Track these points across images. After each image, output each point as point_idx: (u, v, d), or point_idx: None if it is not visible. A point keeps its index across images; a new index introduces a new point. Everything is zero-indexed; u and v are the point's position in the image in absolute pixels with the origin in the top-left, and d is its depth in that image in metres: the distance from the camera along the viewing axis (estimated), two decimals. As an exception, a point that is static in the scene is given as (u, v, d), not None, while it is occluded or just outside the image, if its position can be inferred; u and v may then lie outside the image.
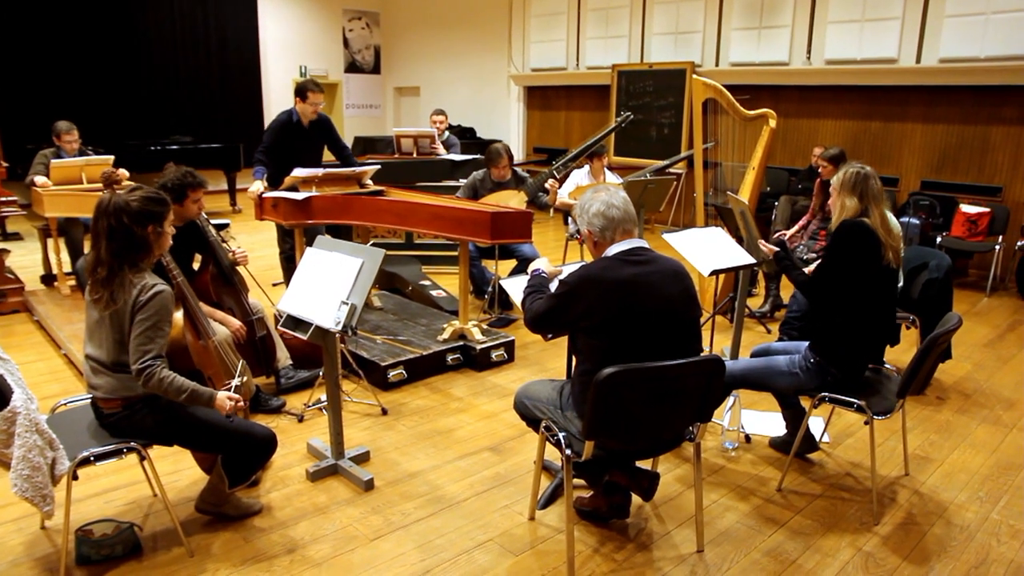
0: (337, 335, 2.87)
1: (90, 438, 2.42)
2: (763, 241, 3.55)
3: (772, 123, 5.39)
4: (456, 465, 3.23)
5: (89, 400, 2.53)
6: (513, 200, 5.34)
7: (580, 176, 6.19)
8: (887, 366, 3.18)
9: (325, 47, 12.12)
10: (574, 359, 2.58)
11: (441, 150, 6.90)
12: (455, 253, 6.76)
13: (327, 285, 2.91)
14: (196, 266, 3.67)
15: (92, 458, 2.32)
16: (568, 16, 10.00)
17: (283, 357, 3.96)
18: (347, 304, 2.79)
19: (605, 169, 6.26)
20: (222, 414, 2.48)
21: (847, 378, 2.91)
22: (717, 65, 8.44)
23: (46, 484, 2.18)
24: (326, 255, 3.02)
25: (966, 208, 6.33)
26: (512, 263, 5.46)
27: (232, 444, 2.52)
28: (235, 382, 2.68)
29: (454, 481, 3.09)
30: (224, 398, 2.46)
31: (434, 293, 5.54)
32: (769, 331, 5.16)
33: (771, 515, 2.87)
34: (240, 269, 3.73)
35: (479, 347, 4.33)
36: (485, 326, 4.66)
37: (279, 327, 3.01)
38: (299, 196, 4.54)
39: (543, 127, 11.02)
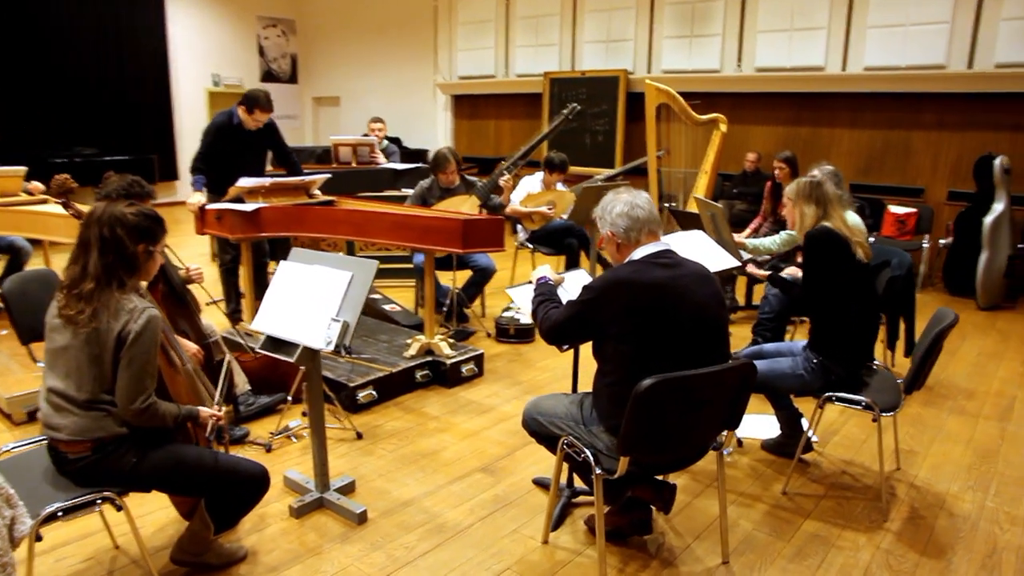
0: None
1: (52, 489, 2.08)
2: (753, 267, 3.56)
3: (723, 127, 5.47)
4: (450, 490, 3.01)
5: (42, 443, 2.18)
6: (465, 205, 5.16)
7: (532, 184, 6.07)
8: (876, 362, 3.21)
9: (239, 55, 11.55)
10: (595, 371, 2.44)
11: (381, 159, 6.63)
12: (404, 265, 6.50)
13: (311, 301, 2.65)
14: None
15: (60, 513, 1.97)
16: (496, 24, 9.92)
17: (241, 382, 3.63)
18: (338, 321, 2.54)
19: (557, 183, 6.18)
20: (203, 429, 2.24)
21: (849, 376, 2.91)
22: (649, 72, 8.56)
23: (5, 550, 1.83)
24: (306, 269, 2.76)
25: (894, 208, 6.64)
26: (467, 274, 5.27)
27: (219, 484, 2.22)
28: (215, 408, 2.39)
29: (452, 507, 2.87)
30: (208, 414, 2.22)
31: (388, 307, 5.28)
32: (730, 333, 5.18)
33: (784, 519, 2.82)
34: (192, 287, 3.39)
35: (449, 362, 4.12)
36: (451, 340, 4.45)
37: (258, 350, 2.72)
38: (247, 208, 4.21)
39: (472, 136, 10.87)
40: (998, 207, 5.74)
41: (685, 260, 2.32)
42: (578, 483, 2.88)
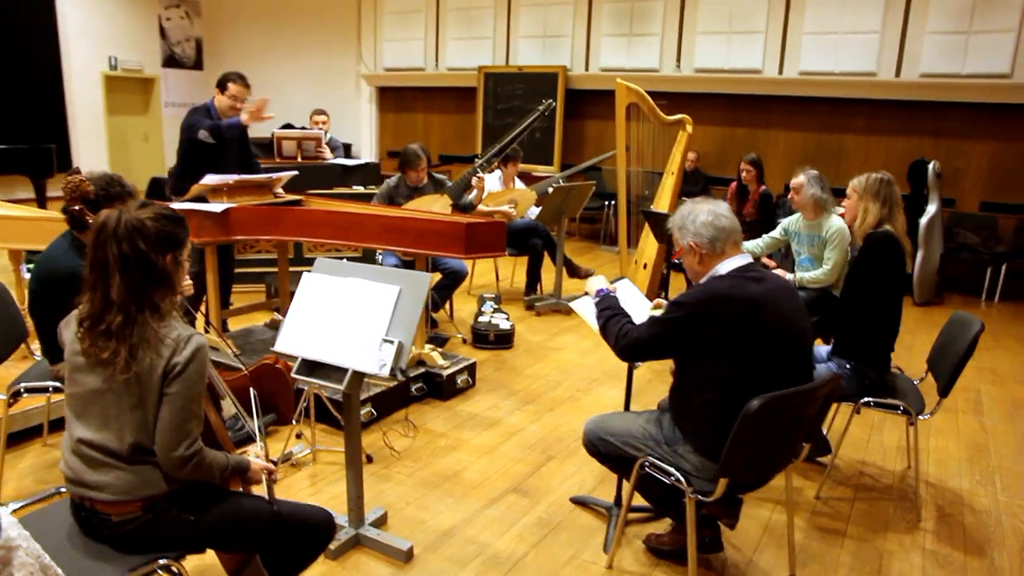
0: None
1: (86, 558, 1.73)
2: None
3: (689, 128, 5.51)
4: (488, 515, 2.82)
5: (52, 499, 1.83)
6: (436, 205, 4.92)
7: (492, 182, 5.89)
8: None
9: (138, 37, 10.58)
10: (674, 388, 2.33)
11: (327, 154, 6.23)
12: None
13: (352, 320, 2.38)
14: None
15: (117, 590, 1.64)
16: (426, 15, 9.61)
17: (226, 405, 3.25)
18: (391, 342, 2.29)
19: (515, 176, 6.06)
20: (252, 483, 1.94)
21: (881, 380, 2.96)
22: (587, 70, 8.57)
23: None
24: (339, 282, 2.47)
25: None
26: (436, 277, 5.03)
27: (281, 537, 1.93)
28: (256, 445, 2.09)
29: (498, 535, 2.68)
30: (260, 466, 1.92)
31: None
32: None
33: (827, 526, 2.83)
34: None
35: (445, 374, 3.89)
36: (440, 349, 4.21)
37: (294, 375, 2.41)
38: (216, 208, 3.79)
39: (398, 130, 10.51)
40: (931, 208, 6.12)
41: (769, 273, 2.25)
42: (627, 500, 2.76)
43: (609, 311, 2.40)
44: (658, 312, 2.55)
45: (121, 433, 1.71)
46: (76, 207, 2.37)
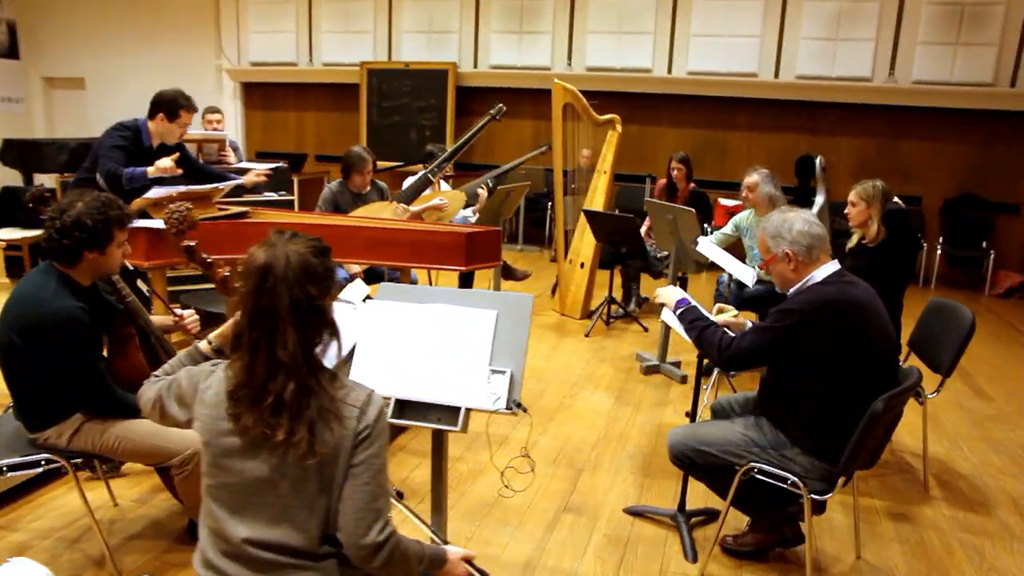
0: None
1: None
2: None
3: (618, 128, 5.62)
4: (556, 540, 2.70)
5: None
6: (386, 212, 4.64)
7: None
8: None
9: (-65, 18, 8.91)
10: (766, 392, 2.36)
11: (232, 158, 5.63)
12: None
13: (445, 352, 2.16)
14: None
15: None
16: (296, 6, 8.99)
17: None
18: (502, 373, 2.11)
19: (441, 179, 5.85)
20: None
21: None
22: (476, 67, 8.47)
23: None
24: (419, 310, 2.23)
25: (724, 201, 7.45)
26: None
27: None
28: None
29: (577, 560, 2.58)
30: (459, 558, 1.67)
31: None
32: (646, 328, 5.40)
33: (859, 504, 3.02)
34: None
35: (438, 392, 3.68)
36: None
37: (389, 420, 2.14)
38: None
39: (268, 129, 9.77)
40: (819, 199, 6.69)
41: (857, 278, 2.35)
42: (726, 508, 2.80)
43: (700, 322, 2.38)
44: (723, 318, 2.58)
45: (307, 525, 1.42)
46: (192, 243, 1.93)
